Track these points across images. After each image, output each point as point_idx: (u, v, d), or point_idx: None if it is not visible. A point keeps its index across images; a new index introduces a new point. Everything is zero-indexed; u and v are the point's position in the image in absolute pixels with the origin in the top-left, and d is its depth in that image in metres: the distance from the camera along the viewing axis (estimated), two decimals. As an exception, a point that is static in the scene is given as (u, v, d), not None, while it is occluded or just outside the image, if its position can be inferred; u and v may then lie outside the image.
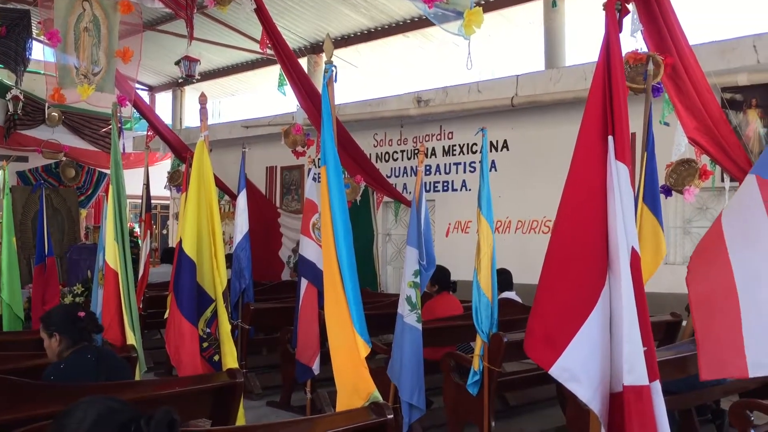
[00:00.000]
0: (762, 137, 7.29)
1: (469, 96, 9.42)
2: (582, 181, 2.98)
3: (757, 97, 7.27)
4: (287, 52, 8.20)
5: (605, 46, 3.00)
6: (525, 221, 9.17)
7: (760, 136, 7.29)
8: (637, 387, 2.76)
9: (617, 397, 2.85)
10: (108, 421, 1.68)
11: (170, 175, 11.46)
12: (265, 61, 13.90)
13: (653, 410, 2.79)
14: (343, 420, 3.28)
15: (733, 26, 13.60)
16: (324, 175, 3.65)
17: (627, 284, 2.82)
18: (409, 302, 5.46)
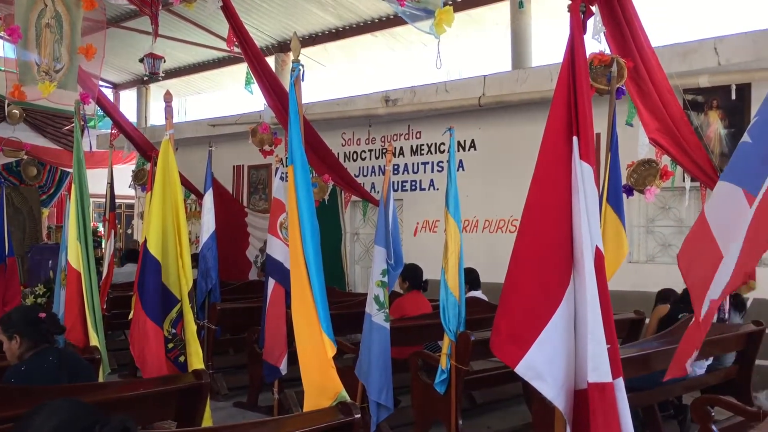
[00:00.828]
0: (723, 138, 7.44)
1: (437, 96, 9.46)
2: (547, 181, 3.02)
3: (717, 99, 7.43)
4: (254, 50, 8.14)
5: (570, 47, 3.04)
6: (492, 220, 9.23)
7: (721, 137, 7.45)
8: (600, 384, 2.81)
9: (581, 394, 2.90)
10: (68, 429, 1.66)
11: (135, 173, 11.29)
12: (231, 59, 13.82)
13: (617, 407, 2.84)
14: (311, 420, 3.26)
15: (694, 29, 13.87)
16: (291, 174, 3.64)
17: (591, 283, 2.86)
18: (377, 301, 5.47)
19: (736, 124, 7.36)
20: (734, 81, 7.20)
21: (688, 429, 5.69)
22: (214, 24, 12.06)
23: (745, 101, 7.28)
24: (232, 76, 15.08)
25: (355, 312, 6.36)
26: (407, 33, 11.92)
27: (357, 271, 10.89)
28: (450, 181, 5.26)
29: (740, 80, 7.19)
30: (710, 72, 7.22)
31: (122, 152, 11.96)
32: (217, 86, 16.54)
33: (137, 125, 14.65)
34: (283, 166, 6.06)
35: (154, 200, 4.58)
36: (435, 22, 5.40)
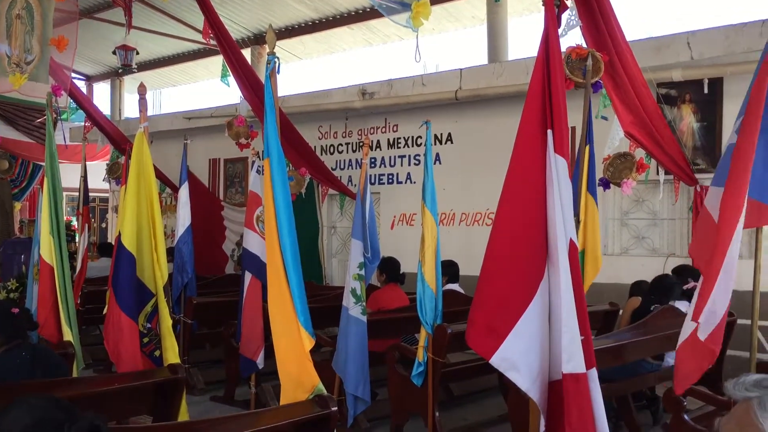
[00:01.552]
0: (695, 131, 7.54)
1: (414, 89, 9.46)
2: (522, 174, 3.04)
3: (690, 93, 7.51)
4: (230, 42, 8.08)
5: (544, 41, 3.05)
6: (469, 213, 9.27)
7: (694, 131, 7.55)
8: (575, 375, 2.84)
9: (556, 384, 2.93)
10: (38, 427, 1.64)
11: (109, 167, 11.17)
12: (207, 51, 13.69)
13: (590, 397, 2.87)
14: (287, 413, 3.27)
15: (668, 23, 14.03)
16: (267, 167, 3.62)
17: (565, 275, 2.89)
18: (354, 295, 5.47)
19: (708, 118, 7.45)
20: (707, 75, 7.29)
21: (661, 418, 5.77)
22: (189, 16, 11.94)
23: (717, 95, 7.38)
24: (208, 68, 14.97)
25: (332, 305, 6.36)
26: (384, 26, 11.90)
27: (334, 265, 10.88)
28: (427, 175, 5.27)
29: (712, 74, 7.28)
30: (683, 66, 7.30)
31: (96, 145, 11.81)
32: (193, 79, 16.39)
33: (111, 118, 14.47)
34: (260, 159, 6.03)
35: (129, 194, 4.54)
36: (412, 15, 5.39)
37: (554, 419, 2.97)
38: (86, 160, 9.40)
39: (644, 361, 5.56)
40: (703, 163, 7.44)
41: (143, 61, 14.73)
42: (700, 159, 7.48)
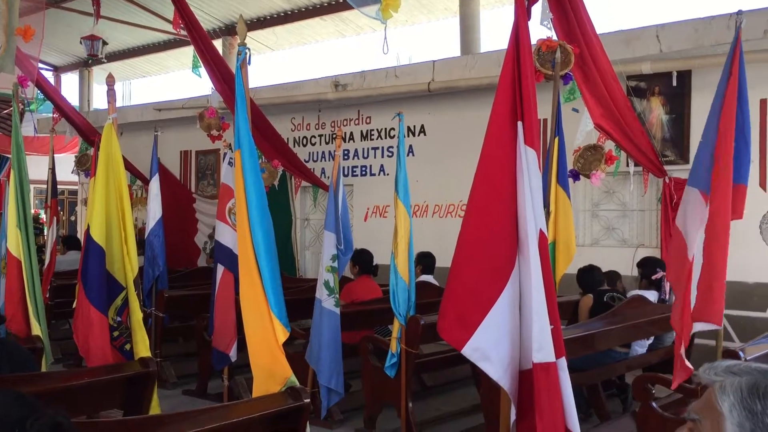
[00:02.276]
0: (664, 123, 7.64)
1: (387, 81, 9.45)
2: (492, 166, 3.06)
3: (659, 85, 7.61)
4: (201, 33, 7.99)
5: (514, 33, 3.07)
6: (442, 205, 9.30)
7: (663, 123, 7.65)
8: (545, 364, 2.87)
9: (526, 374, 2.96)
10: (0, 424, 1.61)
11: (78, 159, 10.99)
12: (178, 42, 13.53)
13: (560, 386, 2.91)
14: (260, 405, 3.26)
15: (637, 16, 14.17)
16: (239, 159, 3.59)
17: (535, 265, 2.92)
18: (327, 287, 5.47)
19: (677, 110, 7.56)
20: (675, 68, 7.38)
21: (630, 406, 5.86)
22: (159, 5, 11.78)
23: (686, 88, 7.48)
24: (179, 59, 14.79)
25: (305, 298, 6.35)
26: (357, 17, 11.85)
27: (307, 257, 10.86)
28: (399, 167, 5.28)
29: (681, 67, 7.37)
30: (652, 59, 7.39)
31: (64, 137, 11.62)
32: (163, 69, 16.19)
33: (80, 109, 14.24)
34: (231, 151, 5.99)
35: (98, 186, 4.48)
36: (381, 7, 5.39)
37: (525, 408, 3.01)
38: (54, 152, 9.25)
39: (613, 351, 5.64)
40: (672, 155, 7.55)
41: (112, 52, 14.52)
42: (669, 151, 7.58)
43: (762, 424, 1.15)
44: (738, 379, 1.21)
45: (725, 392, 1.20)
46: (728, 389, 1.20)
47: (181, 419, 3.01)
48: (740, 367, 1.24)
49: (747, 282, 6.87)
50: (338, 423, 5.72)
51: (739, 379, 1.21)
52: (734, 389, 1.20)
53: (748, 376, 1.21)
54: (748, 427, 1.16)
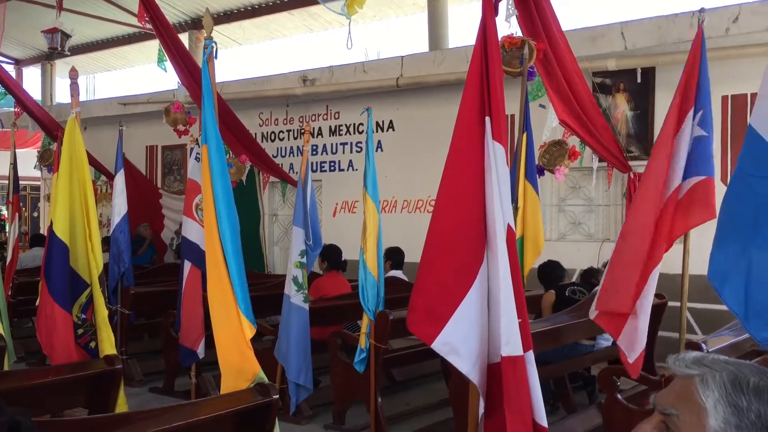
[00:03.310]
0: (629, 119, 7.75)
1: (355, 76, 9.44)
2: (461, 161, 3.07)
3: (624, 82, 7.72)
4: (166, 26, 7.89)
5: (482, 29, 3.08)
6: (411, 201, 9.32)
7: (627, 119, 7.76)
8: (512, 357, 2.90)
9: (495, 367, 2.98)
10: None
11: (41, 154, 10.78)
12: (143, 35, 13.31)
13: (527, 379, 2.93)
14: (228, 402, 3.24)
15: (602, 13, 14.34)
16: (205, 154, 3.56)
17: (503, 259, 2.93)
18: (296, 282, 5.45)
19: (641, 107, 7.67)
20: (640, 65, 7.49)
21: (596, 398, 5.95)
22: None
23: (650, 84, 7.59)
24: (144, 53, 14.57)
25: (273, 294, 6.33)
26: (325, 12, 11.78)
27: (276, 253, 10.80)
28: (368, 162, 5.28)
29: (645, 64, 7.48)
30: (617, 56, 7.49)
31: (26, 131, 11.40)
32: (128, 63, 15.94)
33: (42, 103, 13.95)
34: (198, 146, 5.93)
35: (61, 181, 4.40)
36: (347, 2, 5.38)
37: (493, 401, 3.03)
38: (16, 147, 9.06)
39: (579, 344, 5.72)
40: (636, 151, 7.66)
41: (76, 45, 14.23)
42: (634, 146, 7.69)
43: (747, 420, 1.13)
44: (718, 372, 1.18)
45: (708, 387, 1.17)
46: (711, 384, 1.17)
47: (148, 417, 2.97)
48: (709, 359, 1.21)
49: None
50: (307, 419, 5.71)
51: (720, 373, 1.18)
52: (718, 384, 1.17)
53: (728, 370, 1.19)
54: (734, 423, 1.14)
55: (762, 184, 2.25)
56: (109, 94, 14.16)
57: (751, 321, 2.22)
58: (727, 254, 2.27)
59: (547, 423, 3.01)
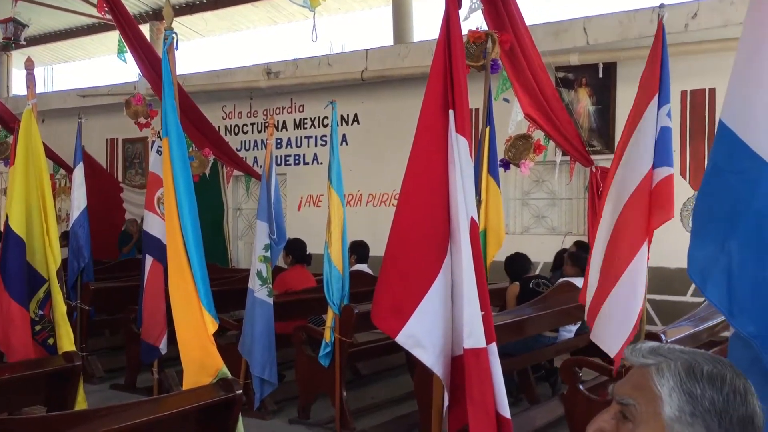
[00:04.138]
0: (591, 114, 7.84)
1: (320, 69, 9.39)
2: (424, 154, 3.07)
3: (586, 76, 7.81)
4: (126, 17, 7.73)
5: (445, 22, 3.08)
6: (376, 194, 9.32)
7: (590, 113, 7.85)
8: (476, 350, 2.91)
9: (458, 360, 3.00)
10: None
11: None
12: (103, 26, 13.04)
13: (490, 371, 2.95)
14: (190, 398, 3.20)
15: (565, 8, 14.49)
16: (166, 147, 3.50)
17: (467, 252, 2.95)
18: (260, 277, 5.42)
19: (603, 101, 7.77)
20: (602, 60, 7.59)
21: (558, 389, 6.03)
22: (82, -12, 11.35)
23: (612, 79, 7.69)
24: (104, 44, 14.29)
25: (238, 288, 6.28)
26: (288, 4, 11.68)
27: (240, 247, 10.72)
28: (333, 156, 5.26)
29: (607, 59, 7.58)
30: (580, 51, 7.57)
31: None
32: (87, 54, 15.63)
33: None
34: (159, 139, 5.84)
35: (17, 175, 4.30)
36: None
37: (457, 393, 3.05)
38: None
39: (542, 336, 5.78)
40: (598, 145, 7.76)
41: (33, 36, 13.90)
42: (596, 141, 7.79)
43: (701, 407, 1.15)
44: (673, 361, 1.20)
45: (663, 375, 1.19)
46: (666, 372, 1.19)
47: (108, 414, 2.93)
48: (665, 349, 1.23)
49: (669, 267, 7.13)
50: (272, 414, 5.68)
51: (674, 361, 1.20)
52: (673, 372, 1.18)
53: (682, 358, 1.21)
54: (688, 411, 1.16)
55: (737, 179, 2.28)
56: (68, 86, 13.87)
57: (737, 316, 2.25)
58: (707, 250, 2.30)
59: (510, 414, 3.03)
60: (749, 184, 2.26)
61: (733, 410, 1.14)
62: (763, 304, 2.22)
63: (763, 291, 2.22)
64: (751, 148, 2.25)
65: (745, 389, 1.17)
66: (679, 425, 1.15)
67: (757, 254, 2.23)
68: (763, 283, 2.23)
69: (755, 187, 2.25)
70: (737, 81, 2.35)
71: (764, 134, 2.26)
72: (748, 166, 2.26)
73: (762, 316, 2.21)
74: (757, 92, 2.28)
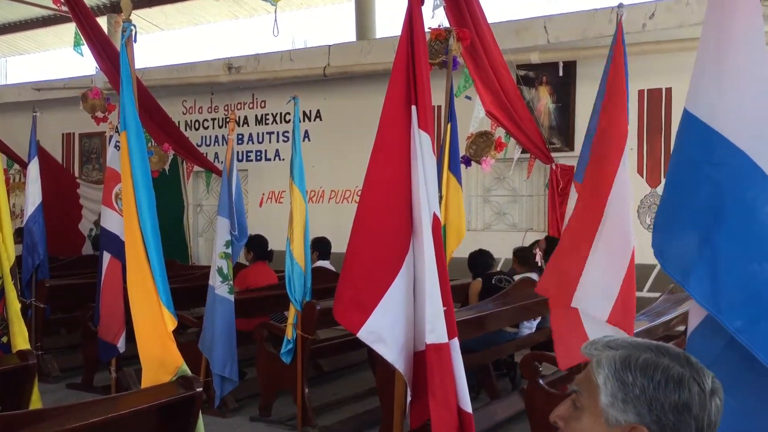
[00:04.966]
0: (551, 112, 7.94)
1: (282, 64, 9.33)
2: (387, 149, 3.07)
3: (547, 75, 7.89)
4: (83, 9, 7.57)
5: (408, 18, 3.09)
6: (338, 191, 9.30)
7: (550, 111, 7.94)
8: (437, 345, 2.93)
9: (420, 355, 3.01)
10: None
11: (-53, 141, 10.22)
12: (59, 18, 12.77)
13: (452, 366, 2.97)
14: (149, 396, 3.15)
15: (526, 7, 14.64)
16: (124, 141, 3.44)
17: (429, 248, 2.96)
18: (221, 273, 5.37)
19: (563, 99, 7.87)
20: (562, 58, 7.68)
21: (519, 384, 6.09)
22: (37, -21, 11.08)
23: (572, 77, 7.79)
24: (60, 36, 13.98)
25: (198, 285, 6.21)
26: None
27: (201, 244, 10.59)
28: (295, 152, 5.23)
29: (567, 58, 7.68)
30: (540, 49, 7.65)
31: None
32: (43, 47, 15.27)
33: (-51, 88, 13.24)
34: (117, 134, 5.74)
35: (-32, 170, 4.17)
36: (272, -11, 5.29)
37: (419, 389, 3.06)
38: None
39: (503, 331, 5.83)
40: (558, 143, 7.86)
41: (-15, 27, 13.57)
42: (556, 138, 7.89)
43: (632, 394, 1.22)
44: (613, 352, 1.27)
45: (601, 365, 1.27)
46: (603, 362, 1.27)
47: (63, 413, 2.86)
48: (618, 342, 1.31)
49: (626, 263, 7.24)
50: (233, 411, 5.63)
51: (615, 352, 1.27)
52: (608, 362, 1.26)
53: (623, 350, 1.27)
54: (620, 397, 1.23)
55: (718, 170, 2.23)
56: (23, 79, 13.54)
57: (724, 311, 2.19)
58: (687, 245, 2.23)
59: (471, 409, 3.05)
60: (735, 177, 2.20)
61: (665, 397, 1.20)
62: (750, 297, 2.18)
63: (751, 284, 2.18)
64: (733, 142, 2.21)
65: (681, 377, 1.22)
66: (613, 411, 1.23)
67: (745, 247, 2.19)
68: (751, 276, 2.19)
69: (741, 180, 2.20)
70: (705, 75, 2.29)
71: (745, 129, 2.21)
72: (730, 160, 2.21)
73: (749, 310, 2.17)
74: (730, 87, 2.23)
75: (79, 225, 10.43)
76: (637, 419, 1.21)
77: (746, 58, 2.23)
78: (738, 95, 2.23)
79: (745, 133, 2.22)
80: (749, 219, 2.19)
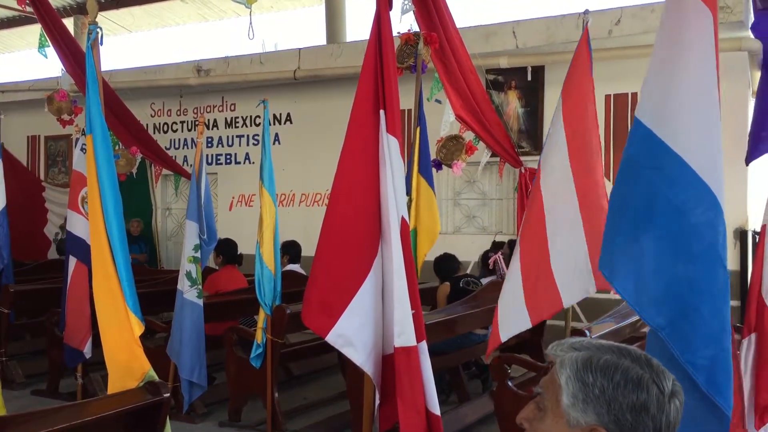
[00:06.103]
0: (520, 116, 8.01)
1: (252, 67, 9.29)
2: (355, 153, 3.08)
3: (516, 79, 7.98)
4: (48, 10, 7.47)
5: (376, 22, 3.10)
6: (308, 194, 9.28)
7: (519, 115, 8.02)
8: (406, 348, 2.94)
9: (389, 358, 3.02)
10: None
11: None
12: (24, 18, 12.59)
13: (420, 369, 2.99)
14: (116, 402, 3.11)
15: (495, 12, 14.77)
16: (90, 144, 3.41)
17: (397, 252, 2.97)
18: (189, 278, 5.32)
19: (531, 104, 7.95)
20: (530, 63, 7.76)
21: (489, 386, 6.13)
22: (1, -21, 10.90)
23: (540, 82, 7.89)
24: (24, 38, 13.79)
25: (167, 289, 6.14)
26: (219, 1, 11.55)
27: (169, 248, 10.50)
28: (264, 155, 5.21)
29: (535, 62, 7.76)
30: (509, 54, 7.73)
31: None
32: (7, 48, 15.04)
33: None
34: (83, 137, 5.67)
35: (-71, 172, 4.10)
36: (246, -9, 5.28)
37: (388, 392, 3.07)
38: None
39: (473, 333, 5.86)
40: (527, 146, 7.94)
41: (-52, 27, 13.31)
42: (525, 142, 7.97)
43: (592, 395, 1.24)
44: (576, 354, 1.30)
45: (563, 366, 1.29)
46: (566, 363, 1.29)
47: (28, 420, 2.82)
48: (582, 344, 1.33)
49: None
50: (201, 417, 5.58)
51: (577, 354, 1.29)
52: (571, 363, 1.28)
53: (585, 351, 1.30)
54: (581, 398, 1.24)
55: (654, 174, 2.31)
56: (-14, 81, 13.27)
57: (645, 308, 2.27)
58: (619, 243, 2.32)
59: (440, 412, 3.07)
60: (668, 180, 2.28)
61: (623, 398, 1.23)
62: (674, 297, 2.26)
63: (675, 284, 2.26)
64: (671, 147, 2.30)
65: (640, 378, 1.24)
66: (574, 411, 1.25)
67: (672, 248, 2.27)
68: (675, 276, 2.27)
69: (673, 184, 2.29)
70: (654, 81, 2.39)
71: (684, 134, 2.31)
72: (667, 163, 2.30)
73: (672, 309, 2.26)
74: (674, 93, 2.33)
75: (45, 229, 10.28)
76: (596, 420, 1.23)
77: (694, 67, 2.30)
78: (681, 102, 2.31)
79: (684, 138, 2.30)
80: (678, 221, 2.27)
